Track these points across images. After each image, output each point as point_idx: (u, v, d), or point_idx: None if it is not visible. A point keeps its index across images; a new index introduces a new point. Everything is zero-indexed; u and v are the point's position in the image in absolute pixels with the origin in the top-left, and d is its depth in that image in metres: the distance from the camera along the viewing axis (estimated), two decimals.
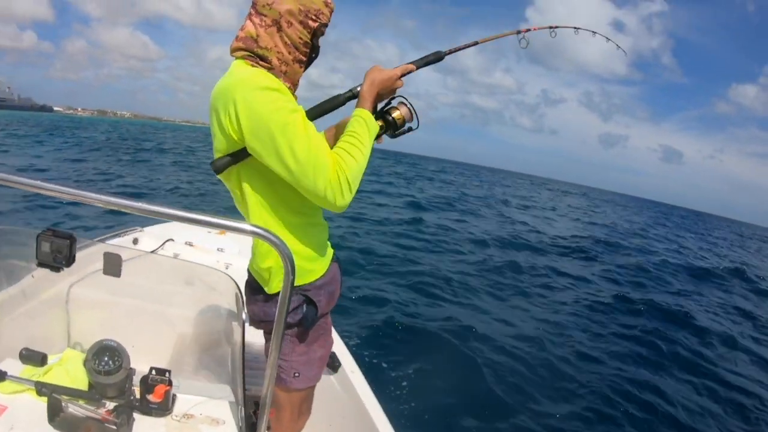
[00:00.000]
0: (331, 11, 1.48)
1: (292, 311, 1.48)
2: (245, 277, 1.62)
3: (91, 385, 1.43)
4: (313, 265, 1.53)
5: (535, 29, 1.87)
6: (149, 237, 3.22)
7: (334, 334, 2.71)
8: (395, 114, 1.56)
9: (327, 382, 2.41)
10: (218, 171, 1.42)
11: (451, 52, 1.68)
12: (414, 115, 1.58)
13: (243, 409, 1.53)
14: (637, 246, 17.69)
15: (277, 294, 1.34)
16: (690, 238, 28.72)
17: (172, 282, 1.63)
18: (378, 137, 1.55)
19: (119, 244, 2.97)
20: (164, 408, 1.46)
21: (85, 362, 1.41)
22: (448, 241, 11.92)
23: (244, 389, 1.52)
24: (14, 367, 1.43)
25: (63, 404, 1.35)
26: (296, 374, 1.57)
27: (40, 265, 1.22)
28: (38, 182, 1.18)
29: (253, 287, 1.57)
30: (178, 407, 1.50)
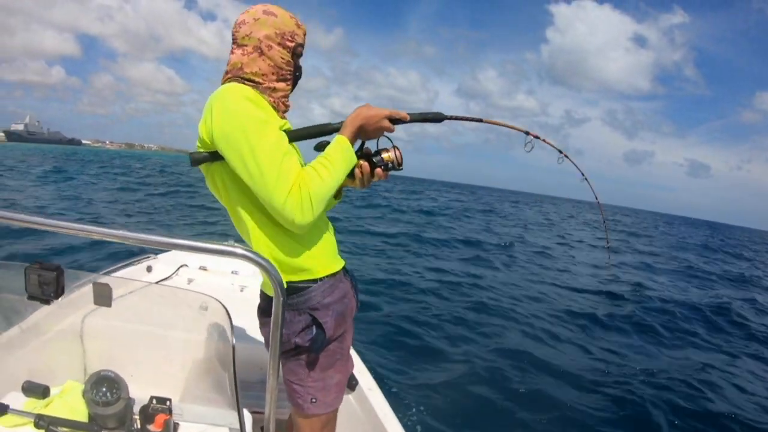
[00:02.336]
0: (304, 33, 1.59)
1: (301, 331, 1.47)
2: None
3: (91, 417, 1.42)
4: (308, 264, 1.50)
5: (544, 140, 1.83)
6: (163, 264, 3.23)
7: (352, 350, 2.68)
8: (385, 156, 1.56)
9: (345, 400, 2.37)
10: (194, 163, 1.46)
11: (452, 118, 1.67)
12: (401, 159, 1.57)
13: None
14: None
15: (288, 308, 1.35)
16: None
17: (166, 310, 1.63)
18: (369, 173, 1.55)
19: (133, 272, 3.00)
20: None
21: (84, 393, 1.41)
22: None
23: (241, 413, 1.50)
24: (17, 400, 1.44)
25: None
26: (313, 400, 1.55)
27: (30, 297, 1.23)
28: (39, 218, 1.23)
29: (264, 311, 1.56)
30: None
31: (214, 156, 1.42)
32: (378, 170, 1.56)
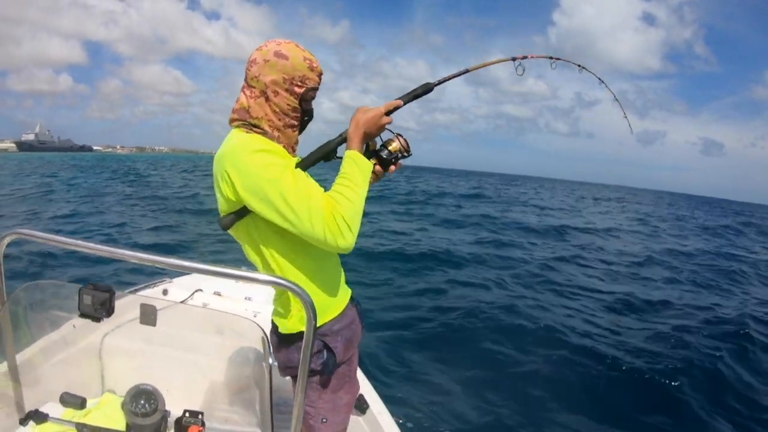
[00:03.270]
0: (320, 74, 1.56)
1: (313, 356, 1.52)
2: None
3: (128, 426, 1.50)
4: (326, 306, 1.57)
5: (532, 57, 1.85)
6: (178, 288, 3.30)
7: (362, 375, 2.75)
8: (391, 147, 1.61)
9: (355, 424, 2.42)
10: (226, 227, 1.51)
11: (440, 82, 1.69)
12: (408, 146, 1.63)
13: None
14: None
15: (298, 337, 1.40)
16: None
17: (203, 330, 1.70)
18: (382, 171, 1.63)
19: (149, 294, 3.08)
20: None
21: (123, 405, 1.49)
22: None
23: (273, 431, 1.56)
24: (55, 409, 1.52)
25: None
26: (324, 420, 1.61)
27: (82, 315, 1.31)
28: (78, 241, 1.32)
29: (279, 335, 1.62)
30: None
31: (241, 213, 1.47)
32: (391, 167, 1.63)
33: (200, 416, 1.53)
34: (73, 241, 1.32)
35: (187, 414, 1.52)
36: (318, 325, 1.53)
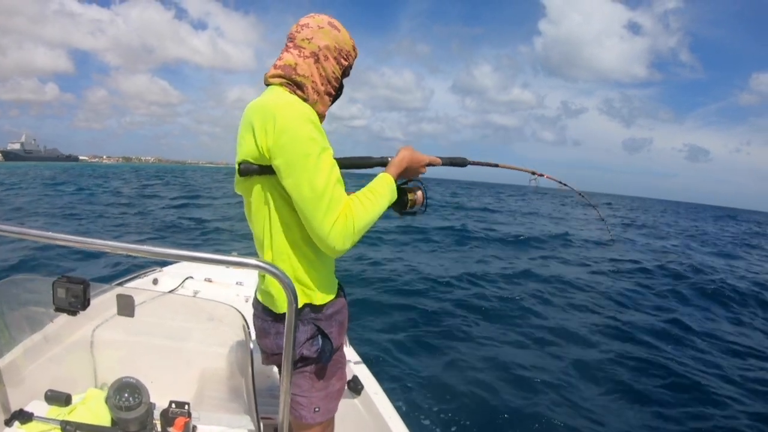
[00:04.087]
0: (356, 56, 1.63)
1: (307, 341, 1.51)
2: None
3: (114, 421, 1.49)
4: (327, 285, 1.56)
5: (547, 177, 2.15)
6: (168, 276, 3.28)
7: (356, 356, 2.75)
8: (410, 195, 1.69)
9: (351, 405, 2.43)
10: (242, 174, 1.45)
11: (473, 163, 1.93)
12: (425, 202, 1.72)
13: None
14: None
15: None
16: None
17: (184, 319, 1.69)
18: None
19: (139, 285, 3.05)
20: None
21: (107, 399, 1.48)
22: None
23: (258, 418, 1.56)
24: (40, 408, 1.51)
25: None
26: (316, 409, 1.59)
27: (57, 309, 1.29)
28: (50, 233, 1.28)
29: (263, 320, 1.59)
30: None
31: (263, 170, 1.42)
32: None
33: (186, 407, 1.52)
34: (45, 234, 1.28)
35: (173, 405, 1.52)
36: (322, 303, 1.53)
